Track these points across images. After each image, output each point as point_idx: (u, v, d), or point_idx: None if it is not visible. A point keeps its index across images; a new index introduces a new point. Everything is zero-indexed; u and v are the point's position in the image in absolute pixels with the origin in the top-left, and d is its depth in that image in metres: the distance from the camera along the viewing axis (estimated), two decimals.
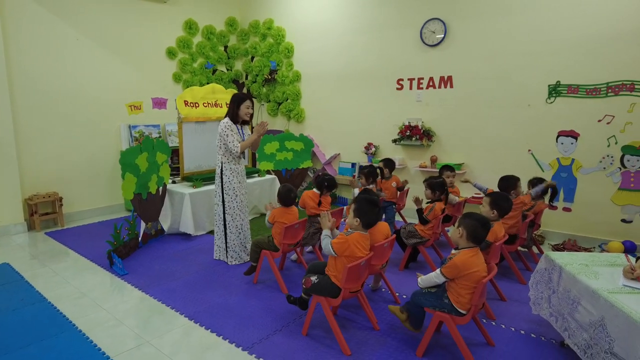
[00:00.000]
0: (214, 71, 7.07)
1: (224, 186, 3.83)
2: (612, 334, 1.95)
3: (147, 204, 4.36)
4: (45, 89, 5.12)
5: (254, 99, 7.31)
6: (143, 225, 4.40)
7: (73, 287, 3.47)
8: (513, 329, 2.78)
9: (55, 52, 5.18)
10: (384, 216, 4.47)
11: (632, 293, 2.04)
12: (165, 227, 4.77)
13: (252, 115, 4.02)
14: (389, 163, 4.67)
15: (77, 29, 5.35)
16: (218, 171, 3.84)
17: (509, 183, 3.70)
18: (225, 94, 5.40)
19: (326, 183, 3.78)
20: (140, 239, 4.36)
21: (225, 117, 3.83)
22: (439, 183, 3.78)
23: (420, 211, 3.70)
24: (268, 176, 5.79)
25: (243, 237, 3.99)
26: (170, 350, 2.55)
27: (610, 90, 4.12)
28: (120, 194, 5.95)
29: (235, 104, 3.81)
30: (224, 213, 3.89)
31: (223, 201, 3.87)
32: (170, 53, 6.40)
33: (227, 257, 3.97)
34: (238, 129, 3.86)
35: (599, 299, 2.06)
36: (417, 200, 3.70)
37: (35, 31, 5.01)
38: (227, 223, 3.89)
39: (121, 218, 5.45)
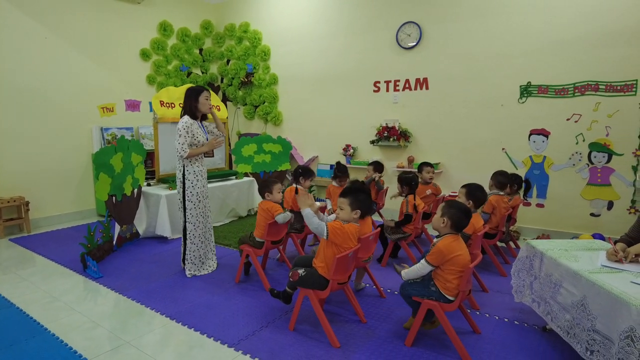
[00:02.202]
0: (189, 74, 6.97)
1: (186, 191, 3.42)
2: (593, 311, 2.02)
3: (121, 206, 4.21)
4: (10, 87, 4.89)
5: (229, 102, 7.30)
6: (117, 228, 4.24)
7: (43, 291, 3.28)
8: (497, 317, 2.84)
9: (22, 50, 4.97)
10: None
11: (610, 272, 2.13)
12: (141, 230, 4.62)
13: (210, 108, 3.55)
14: (379, 166, 4.70)
15: (46, 27, 5.15)
16: (179, 175, 3.43)
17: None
18: None
19: (300, 170, 3.78)
20: (114, 242, 4.19)
21: (184, 115, 3.41)
22: (406, 178, 3.86)
23: (400, 221, 3.75)
24: (246, 178, 5.73)
25: (205, 247, 3.63)
26: (152, 350, 2.45)
27: (577, 91, 4.32)
28: (91, 199, 5.74)
29: (193, 97, 3.39)
30: (184, 221, 3.50)
31: (184, 207, 3.47)
32: (144, 55, 6.26)
33: (184, 267, 3.60)
34: (200, 126, 3.47)
35: (581, 279, 2.13)
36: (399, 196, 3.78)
37: (0, 28, 4.79)
38: (187, 232, 3.49)
39: (93, 223, 5.23)
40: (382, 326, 2.71)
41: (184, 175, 3.42)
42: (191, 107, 3.41)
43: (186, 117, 3.37)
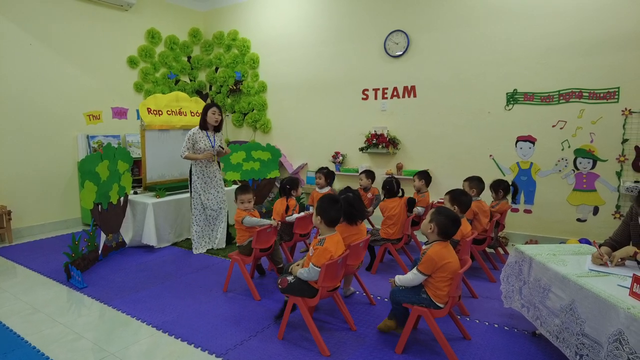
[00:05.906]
0: (177, 81, 6.93)
1: (192, 184, 4.36)
2: (582, 315, 2.02)
3: (107, 215, 4.13)
4: None
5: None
6: (103, 237, 4.16)
7: (24, 302, 3.19)
8: (487, 323, 2.83)
9: (6, 56, 4.89)
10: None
11: (598, 276, 2.14)
12: (127, 239, 4.53)
13: (220, 122, 4.36)
14: (371, 174, 4.68)
15: (31, 34, 5.09)
16: (188, 171, 4.42)
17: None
18: (189, 102, 5.29)
19: (288, 186, 3.76)
20: (100, 251, 4.10)
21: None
22: (384, 182, 3.91)
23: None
24: (234, 186, 5.68)
25: (201, 229, 4.43)
26: None
27: (561, 98, 4.40)
28: (76, 208, 5.64)
29: (203, 111, 4.25)
30: (192, 208, 4.42)
31: (190, 197, 4.43)
32: (132, 62, 6.21)
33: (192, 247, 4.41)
34: (207, 135, 4.29)
35: (569, 283, 2.14)
36: None
37: None
38: (192, 216, 4.40)
39: (78, 232, 5.13)
40: (372, 334, 2.69)
41: (190, 172, 4.37)
42: (202, 119, 4.27)
43: (196, 128, 4.28)
